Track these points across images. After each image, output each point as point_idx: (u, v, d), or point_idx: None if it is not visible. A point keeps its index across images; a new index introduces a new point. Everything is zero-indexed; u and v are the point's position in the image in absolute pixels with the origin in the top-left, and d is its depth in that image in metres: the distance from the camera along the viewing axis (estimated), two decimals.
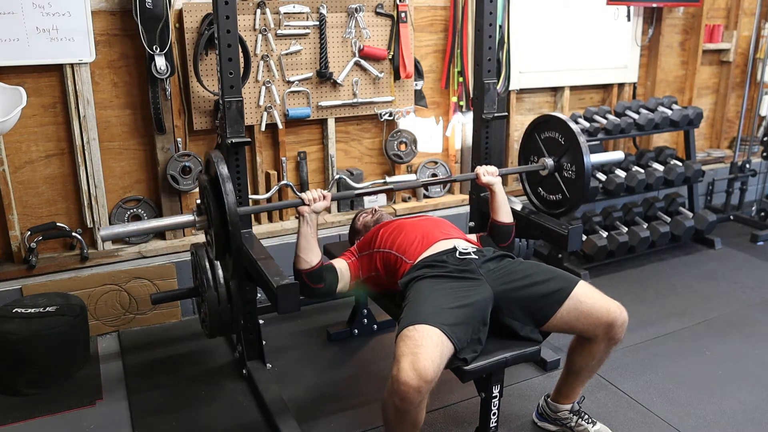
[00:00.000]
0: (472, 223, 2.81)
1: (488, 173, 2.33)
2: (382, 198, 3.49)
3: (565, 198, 2.49)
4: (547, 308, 1.92)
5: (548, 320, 1.92)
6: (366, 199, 3.42)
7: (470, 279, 1.95)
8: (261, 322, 2.56)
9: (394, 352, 1.71)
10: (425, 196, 3.65)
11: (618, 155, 2.80)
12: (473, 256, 2.03)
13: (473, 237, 2.37)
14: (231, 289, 2.29)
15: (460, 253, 2.04)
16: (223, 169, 1.86)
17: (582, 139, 2.33)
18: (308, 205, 2.02)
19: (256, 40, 2.96)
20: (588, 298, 1.92)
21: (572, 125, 2.38)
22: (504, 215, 2.34)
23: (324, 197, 2.04)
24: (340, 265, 2.21)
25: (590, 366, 2.04)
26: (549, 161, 2.47)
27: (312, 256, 2.02)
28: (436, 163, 3.65)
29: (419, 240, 2.13)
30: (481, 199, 2.71)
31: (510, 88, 3.64)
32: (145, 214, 3.00)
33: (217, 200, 1.87)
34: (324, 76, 3.11)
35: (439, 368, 1.67)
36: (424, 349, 1.66)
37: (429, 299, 1.86)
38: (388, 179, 2.69)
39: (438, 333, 1.72)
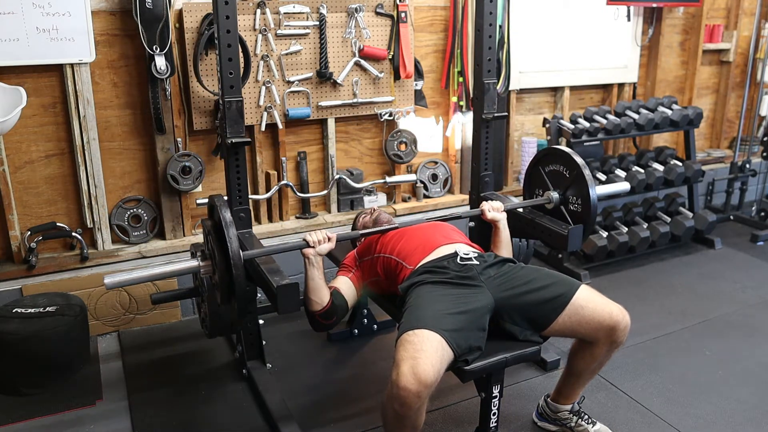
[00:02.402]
0: (472, 224, 2.81)
1: (493, 209, 2.29)
2: (382, 198, 3.50)
3: None
4: (547, 314, 1.91)
5: (549, 325, 1.92)
6: (366, 198, 3.42)
7: (471, 286, 1.94)
8: (261, 322, 2.56)
9: (394, 357, 1.70)
10: (425, 196, 3.65)
11: (624, 186, 2.77)
12: (474, 261, 2.02)
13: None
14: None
15: (461, 259, 2.03)
16: (226, 215, 1.84)
17: (587, 172, 2.30)
18: (313, 247, 1.98)
19: (256, 40, 2.96)
20: (589, 302, 1.91)
21: (576, 158, 2.34)
22: (505, 252, 2.29)
23: (329, 239, 2.00)
24: (345, 285, 2.17)
25: (591, 368, 2.04)
26: (554, 195, 2.45)
27: (322, 296, 1.98)
28: (436, 163, 3.65)
29: (420, 245, 2.12)
30: (481, 198, 2.71)
31: (510, 88, 3.64)
32: (145, 214, 3.00)
33: (221, 246, 1.86)
34: (324, 76, 3.11)
35: (438, 373, 1.67)
36: (424, 354, 1.66)
37: (429, 305, 1.85)
38: (388, 179, 2.68)
39: (438, 338, 1.71)
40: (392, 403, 1.66)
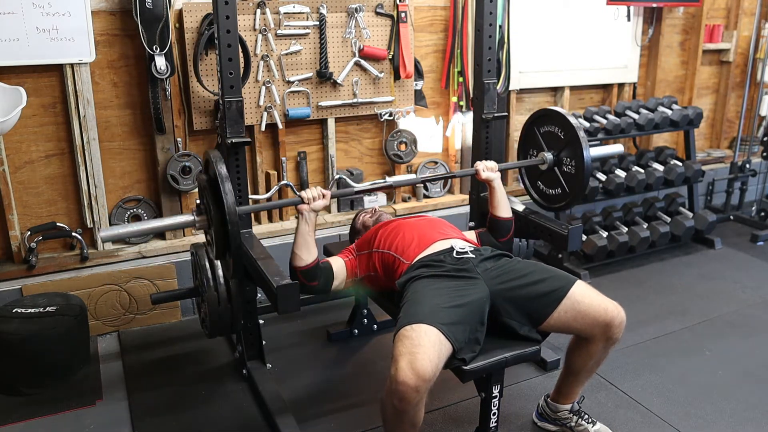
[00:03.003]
0: (472, 223, 2.81)
1: (488, 169, 2.35)
2: (382, 198, 3.49)
3: (565, 192, 2.49)
4: (543, 308, 1.92)
5: (545, 320, 1.92)
6: (366, 198, 3.42)
7: (467, 278, 1.95)
8: (261, 322, 2.56)
9: (392, 352, 1.71)
10: (425, 196, 3.64)
11: (618, 148, 2.83)
12: (470, 255, 2.04)
13: (472, 235, 2.37)
14: (231, 289, 2.30)
15: (457, 253, 2.04)
16: (222, 169, 1.86)
17: (582, 133, 2.32)
18: (307, 203, 2.03)
19: (256, 40, 2.96)
20: (585, 297, 1.91)
21: (572, 119, 2.37)
22: (503, 210, 2.35)
23: (323, 196, 2.05)
24: (337, 263, 2.21)
25: (589, 366, 2.04)
26: (548, 156, 2.47)
27: (308, 255, 2.04)
28: (436, 163, 3.65)
29: (416, 240, 2.13)
30: (480, 198, 2.71)
31: (510, 88, 3.64)
32: (145, 214, 3.00)
33: (217, 200, 1.88)
34: (324, 76, 3.11)
35: (437, 368, 1.67)
36: (422, 349, 1.66)
37: (426, 299, 1.86)
38: (388, 179, 2.69)
39: (436, 332, 1.72)
40: (391, 398, 1.67)
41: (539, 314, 1.92)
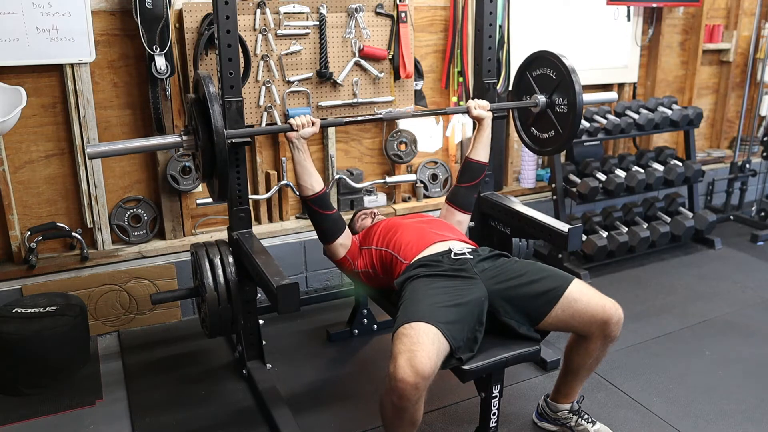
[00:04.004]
0: (472, 224, 2.80)
1: (479, 107, 2.42)
2: (382, 198, 3.49)
3: (558, 134, 2.51)
4: (541, 307, 1.92)
5: (543, 319, 1.93)
6: (366, 198, 3.42)
7: (465, 278, 1.96)
8: (261, 322, 2.56)
9: (391, 350, 1.71)
10: (425, 196, 3.64)
11: (611, 94, 2.87)
12: (468, 255, 2.05)
13: (454, 214, 2.41)
14: (231, 289, 2.30)
15: (455, 254, 2.05)
16: (212, 89, 1.87)
17: (575, 77, 2.35)
18: (296, 130, 2.09)
19: (256, 40, 2.96)
20: (583, 295, 1.92)
21: (564, 60, 2.41)
22: (482, 154, 2.43)
23: (312, 123, 2.11)
24: (348, 232, 2.29)
25: (588, 364, 2.05)
26: (541, 98, 2.51)
27: (313, 181, 2.11)
28: (435, 163, 3.65)
29: (415, 240, 2.14)
30: (480, 198, 2.71)
31: (510, 88, 3.63)
32: (145, 214, 3.00)
33: (205, 120, 1.89)
34: (324, 76, 3.11)
35: (435, 365, 1.68)
36: (421, 347, 1.67)
37: (424, 298, 1.86)
38: (388, 179, 2.69)
39: (434, 330, 1.72)
40: (390, 396, 1.67)
41: (537, 313, 1.93)
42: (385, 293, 2.28)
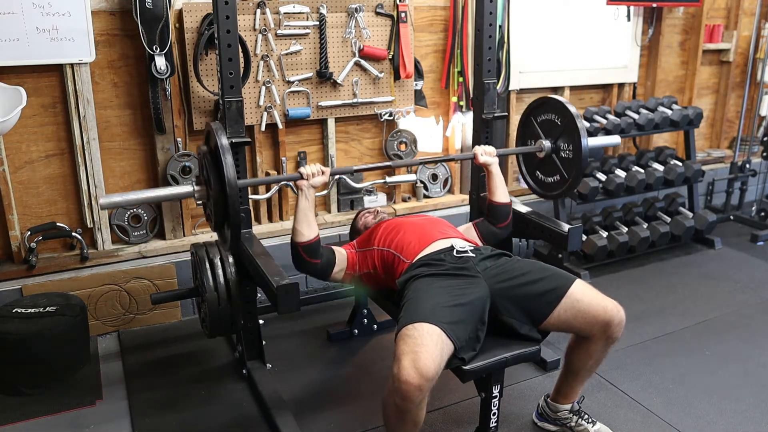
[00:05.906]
0: None
1: (486, 153, 2.38)
2: (382, 198, 3.50)
3: (563, 179, 2.51)
4: (543, 307, 1.92)
5: (545, 319, 1.92)
6: (366, 198, 3.43)
7: (467, 276, 1.96)
8: (261, 322, 2.56)
9: (394, 351, 1.71)
10: (425, 196, 3.64)
11: (615, 139, 2.87)
12: (470, 254, 2.04)
13: (472, 233, 2.38)
14: (231, 289, 2.30)
15: (458, 252, 2.05)
16: (223, 140, 1.86)
17: (580, 123, 2.35)
18: (306, 179, 2.06)
19: (256, 40, 2.96)
20: (585, 296, 1.92)
21: (569, 106, 2.41)
22: (501, 195, 2.38)
23: (323, 172, 2.09)
24: (340, 252, 2.25)
25: (588, 365, 2.04)
26: (546, 143, 2.50)
27: (309, 231, 2.07)
28: (435, 163, 3.65)
29: (417, 239, 2.13)
30: (481, 198, 2.71)
31: (510, 88, 3.64)
32: (145, 214, 3.00)
33: (217, 171, 1.88)
34: (324, 76, 3.11)
35: (439, 366, 1.68)
36: (425, 348, 1.67)
37: (427, 297, 1.86)
38: (388, 179, 2.70)
39: (438, 331, 1.72)
40: (394, 397, 1.67)
41: (539, 313, 1.93)
42: (385, 293, 2.28)
